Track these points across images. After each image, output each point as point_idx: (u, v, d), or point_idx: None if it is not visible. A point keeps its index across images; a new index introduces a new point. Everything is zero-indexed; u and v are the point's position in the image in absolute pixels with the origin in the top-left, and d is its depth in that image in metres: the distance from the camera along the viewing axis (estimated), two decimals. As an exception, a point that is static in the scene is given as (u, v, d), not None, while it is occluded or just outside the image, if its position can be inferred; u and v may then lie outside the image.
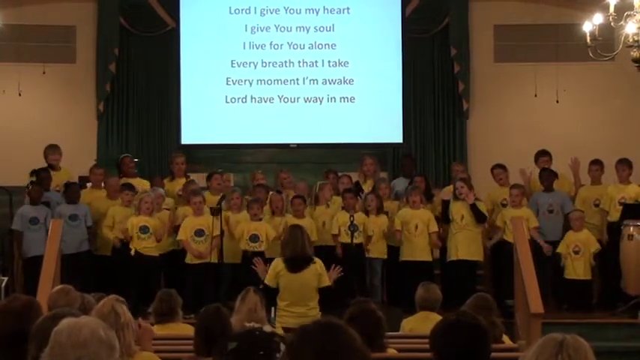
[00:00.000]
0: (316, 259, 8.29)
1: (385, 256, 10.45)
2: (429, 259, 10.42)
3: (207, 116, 13.34)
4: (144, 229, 10.05)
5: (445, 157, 13.53)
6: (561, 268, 10.34)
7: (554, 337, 2.79)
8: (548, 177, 10.82)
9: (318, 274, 8.23)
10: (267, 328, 4.02)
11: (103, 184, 11.02)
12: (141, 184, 11.09)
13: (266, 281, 8.21)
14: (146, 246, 10.06)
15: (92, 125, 13.45)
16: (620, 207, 10.25)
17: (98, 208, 10.72)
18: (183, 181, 11.14)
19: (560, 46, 13.22)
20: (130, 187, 10.62)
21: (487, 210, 10.82)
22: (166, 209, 10.58)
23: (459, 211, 10.40)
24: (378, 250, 10.40)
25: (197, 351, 5.03)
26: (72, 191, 10.59)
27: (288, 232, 8.46)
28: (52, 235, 9.16)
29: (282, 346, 3.51)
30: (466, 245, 10.32)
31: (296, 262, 8.13)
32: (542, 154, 11.18)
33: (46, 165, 11.03)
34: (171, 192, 11.08)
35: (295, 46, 13.30)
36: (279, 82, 13.28)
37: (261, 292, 6.18)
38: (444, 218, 10.52)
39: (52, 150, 11.12)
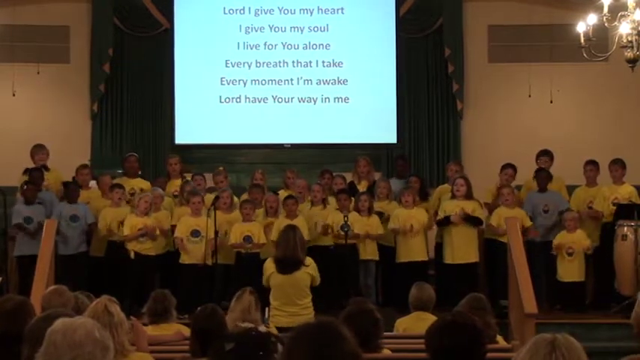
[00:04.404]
0: (309, 262, 8.26)
1: (377, 258, 10.38)
2: (425, 258, 10.34)
3: (201, 116, 13.34)
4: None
5: (439, 157, 13.52)
6: (555, 269, 10.32)
7: (544, 338, 2.79)
8: (543, 179, 10.78)
9: (311, 275, 8.22)
10: (262, 328, 4.02)
11: (89, 185, 10.95)
12: (140, 184, 11.01)
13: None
14: (144, 247, 10.00)
15: (86, 125, 13.42)
16: (614, 207, 10.26)
17: (91, 207, 10.64)
18: (178, 181, 11.11)
19: (554, 46, 13.24)
20: (120, 186, 10.51)
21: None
22: (165, 210, 10.55)
23: (453, 210, 10.37)
24: (369, 252, 10.35)
25: (192, 351, 5.02)
26: (71, 190, 10.43)
27: (281, 233, 8.44)
28: (47, 236, 9.13)
29: (280, 347, 3.52)
30: (462, 248, 10.27)
31: (286, 265, 8.12)
32: (543, 154, 11.14)
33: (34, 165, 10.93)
34: (167, 193, 11.03)
35: (289, 47, 13.31)
36: (274, 82, 13.30)
37: (257, 294, 6.18)
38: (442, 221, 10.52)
39: (37, 150, 10.98)
